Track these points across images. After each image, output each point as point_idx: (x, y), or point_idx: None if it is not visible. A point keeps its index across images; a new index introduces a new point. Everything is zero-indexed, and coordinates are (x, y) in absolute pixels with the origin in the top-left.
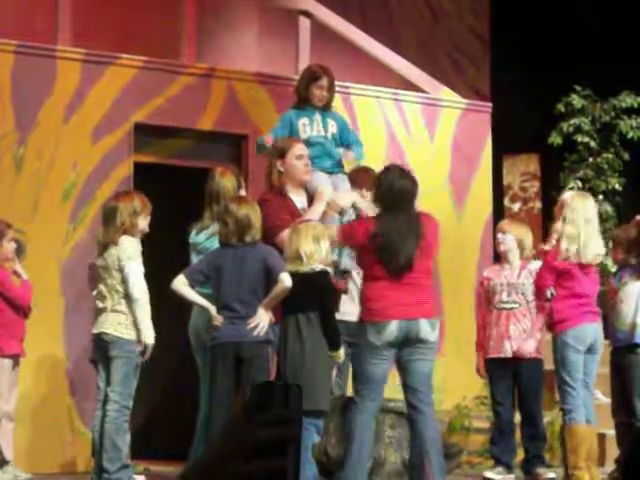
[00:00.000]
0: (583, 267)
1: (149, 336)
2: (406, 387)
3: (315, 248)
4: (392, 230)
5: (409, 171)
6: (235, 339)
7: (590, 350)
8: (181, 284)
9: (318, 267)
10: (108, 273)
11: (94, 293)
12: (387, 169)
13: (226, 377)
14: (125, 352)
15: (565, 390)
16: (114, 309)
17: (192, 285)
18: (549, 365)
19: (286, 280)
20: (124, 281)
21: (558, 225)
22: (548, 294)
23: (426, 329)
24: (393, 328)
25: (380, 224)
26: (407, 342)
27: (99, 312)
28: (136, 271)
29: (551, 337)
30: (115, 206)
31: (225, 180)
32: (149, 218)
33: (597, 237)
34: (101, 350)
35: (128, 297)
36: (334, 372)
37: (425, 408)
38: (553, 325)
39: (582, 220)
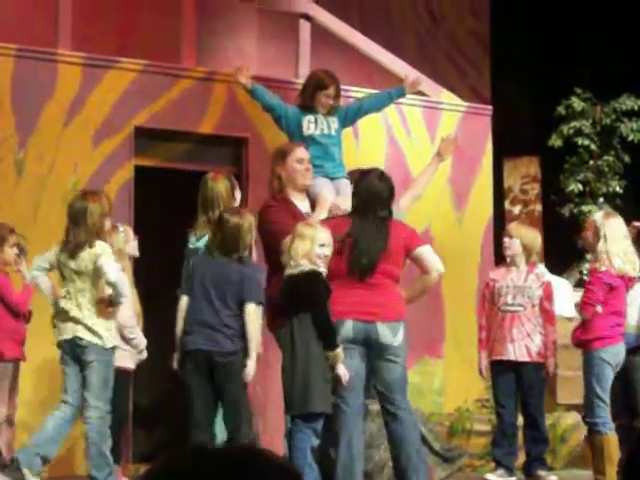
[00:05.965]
0: (628, 283)
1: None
2: (378, 393)
3: (297, 244)
4: (359, 231)
5: (388, 176)
6: (206, 347)
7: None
8: (184, 305)
9: (307, 267)
10: (78, 275)
11: (62, 292)
12: (367, 172)
13: (202, 386)
14: (101, 357)
15: (597, 404)
16: (84, 314)
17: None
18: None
19: (251, 312)
20: (95, 285)
21: (601, 245)
22: (598, 309)
23: (385, 333)
24: (348, 327)
25: (349, 224)
26: (370, 346)
27: (64, 313)
28: (116, 273)
29: (583, 352)
30: (85, 206)
31: (219, 185)
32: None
33: (634, 251)
34: (73, 355)
35: (101, 301)
36: None
37: (401, 413)
38: (590, 341)
39: (622, 236)
